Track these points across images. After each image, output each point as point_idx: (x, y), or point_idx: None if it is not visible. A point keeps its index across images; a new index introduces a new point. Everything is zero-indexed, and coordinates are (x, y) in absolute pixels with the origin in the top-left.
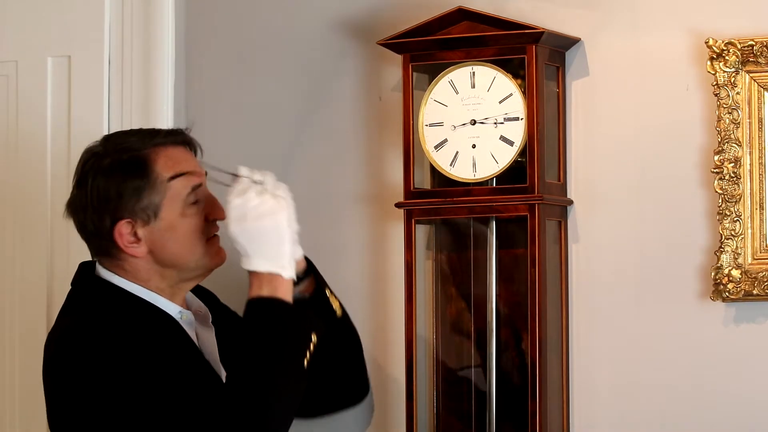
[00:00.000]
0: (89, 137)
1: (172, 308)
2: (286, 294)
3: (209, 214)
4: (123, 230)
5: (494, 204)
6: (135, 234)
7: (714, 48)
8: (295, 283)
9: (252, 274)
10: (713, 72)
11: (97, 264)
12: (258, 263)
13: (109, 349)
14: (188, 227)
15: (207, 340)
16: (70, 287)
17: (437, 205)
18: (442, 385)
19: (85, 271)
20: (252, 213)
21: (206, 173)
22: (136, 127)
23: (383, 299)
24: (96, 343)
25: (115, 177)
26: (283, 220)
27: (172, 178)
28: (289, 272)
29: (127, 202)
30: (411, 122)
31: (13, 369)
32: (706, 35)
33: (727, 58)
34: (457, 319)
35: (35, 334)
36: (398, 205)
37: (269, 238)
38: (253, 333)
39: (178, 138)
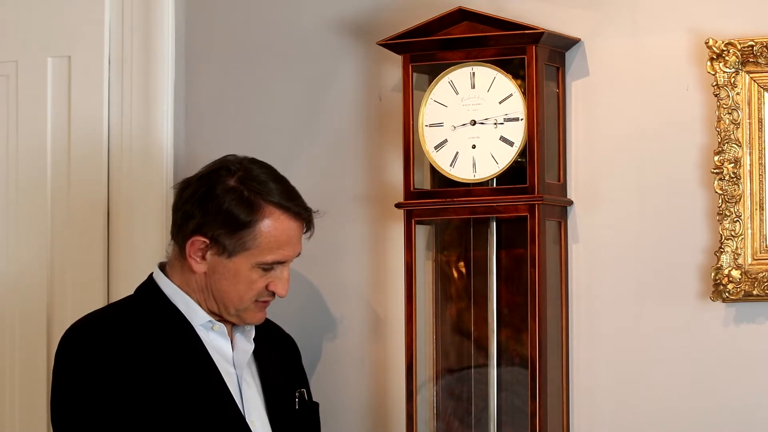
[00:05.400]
0: (89, 137)
1: (201, 317)
2: None
3: (270, 285)
4: (196, 244)
5: (494, 204)
6: (204, 254)
7: (714, 48)
8: None
9: None
10: (713, 72)
11: (158, 265)
12: None
13: (87, 354)
14: (248, 282)
15: (241, 350)
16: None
17: (437, 205)
18: (442, 385)
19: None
20: None
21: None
22: (136, 126)
23: (383, 299)
24: (78, 347)
25: (227, 200)
26: None
27: (266, 244)
28: None
29: (218, 227)
30: (411, 122)
31: (13, 369)
32: (706, 35)
33: (727, 58)
34: (457, 319)
35: (36, 333)
36: (398, 206)
37: None
38: None
39: (303, 214)
